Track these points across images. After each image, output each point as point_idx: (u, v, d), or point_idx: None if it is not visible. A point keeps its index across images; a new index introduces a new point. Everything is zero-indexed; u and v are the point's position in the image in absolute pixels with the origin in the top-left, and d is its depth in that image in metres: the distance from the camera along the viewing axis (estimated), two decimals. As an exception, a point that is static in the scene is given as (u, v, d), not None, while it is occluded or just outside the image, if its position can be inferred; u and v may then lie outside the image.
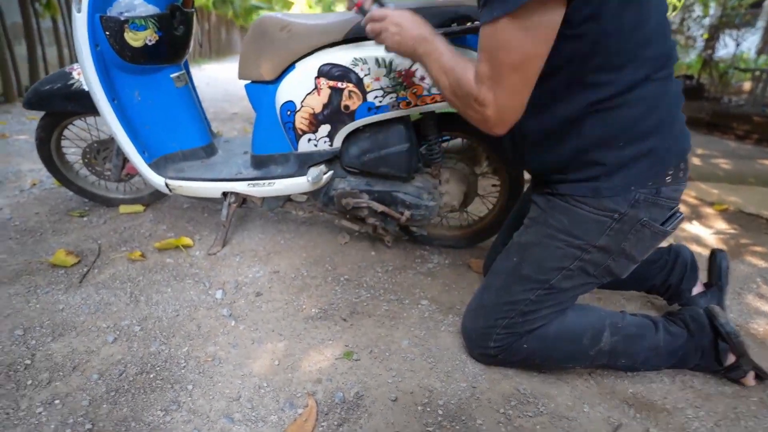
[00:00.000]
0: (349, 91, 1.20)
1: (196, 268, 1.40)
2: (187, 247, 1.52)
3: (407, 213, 1.32)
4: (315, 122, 1.26)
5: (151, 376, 0.96)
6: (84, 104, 1.44)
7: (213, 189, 1.42)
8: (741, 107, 4.37)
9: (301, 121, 1.27)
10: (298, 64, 1.25)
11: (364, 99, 1.20)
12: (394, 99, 1.19)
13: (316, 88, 1.21)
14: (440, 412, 0.91)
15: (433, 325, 1.17)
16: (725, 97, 4.85)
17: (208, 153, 1.56)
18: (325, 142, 1.29)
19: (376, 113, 1.22)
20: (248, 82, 1.34)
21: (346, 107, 1.22)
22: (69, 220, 1.68)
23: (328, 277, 1.38)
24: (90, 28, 1.23)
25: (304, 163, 1.33)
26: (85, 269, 1.37)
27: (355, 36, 1.17)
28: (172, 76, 1.45)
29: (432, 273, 1.43)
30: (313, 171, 1.32)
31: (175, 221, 1.72)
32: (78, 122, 1.65)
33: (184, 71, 1.49)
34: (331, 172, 1.35)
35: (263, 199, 1.46)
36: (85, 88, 1.40)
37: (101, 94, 1.30)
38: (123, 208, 1.75)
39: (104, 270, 1.37)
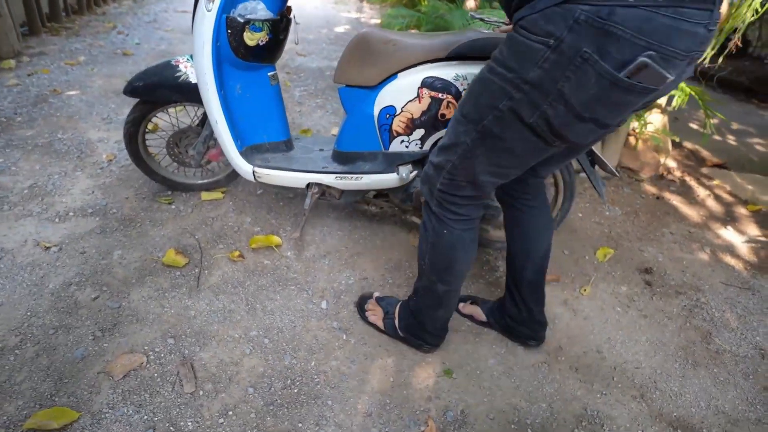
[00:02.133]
0: (448, 102, 1.38)
1: (293, 271, 1.59)
2: (278, 246, 1.69)
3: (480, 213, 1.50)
4: (411, 126, 1.44)
5: (295, 391, 1.19)
6: (187, 95, 1.60)
7: (299, 179, 1.58)
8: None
9: (398, 124, 1.44)
10: (401, 75, 1.40)
11: None
12: None
13: (418, 96, 1.38)
14: (529, 430, 1.15)
15: (510, 343, 1.38)
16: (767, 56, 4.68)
17: (288, 147, 1.70)
18: (416, 144, 1.49)
19: None
20: (343, 86, 1.48)
21: (443, 115, 1.41)
22: (159, 207, 1.83)
23: (411, 286, 1.57)
24: (216, 26, 1.35)
25: (392, 162, 1.52)
26: (197, 270, 1.55)
27: (457, 55, 1.34)
28: (269, 74, 1.57)
29: (499, 282, 1.62)
30: (404, 169, 1.51)
31: (256, 211, 1.87)
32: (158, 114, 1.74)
33: (276, 71, 1.57)
34: (415, 172, 1.52)
35: (342, 192, 1.63)
36: (192, 80, 1.58)
37: (213, 85, 1.43)
38: (205, 195, 1.89)
39: (213, 272, 1.56)
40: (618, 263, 1.77)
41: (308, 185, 1.60)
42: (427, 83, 1.36)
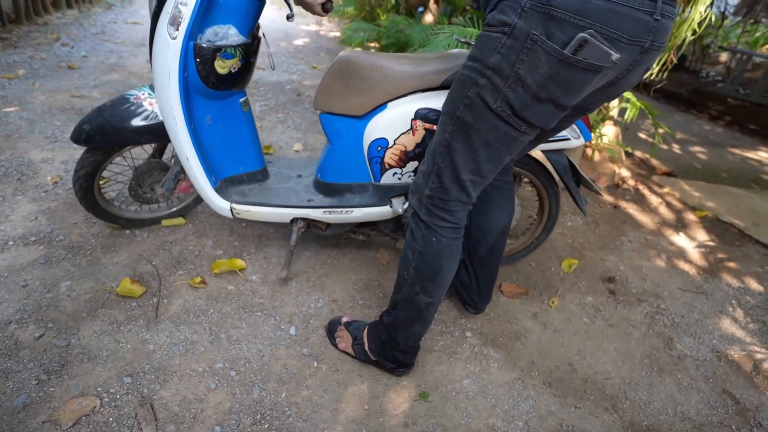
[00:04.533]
0: None
1: (259, 296, 1.52)
2: (242, 269, 1.62)
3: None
4: (405, 159, 1.40)
5: (266, 426, 1.13)
6: (157, 135, 1.43)
7: (284, 215, 1.49)
8: (717, 84, 4.60)
9: (391, 157, 1.40)
10: (390, 104, 1.35)
11: None
12: None
13: (412, 128, 1.34)
14: (507, 451, 1.14)
15: (484, 361, 1.38)
16: (704, 70, 5.05)
17: (264, 176, 1.61)
18: (409, 176, 1.45)
19: None
20: (324, 113, 1.41)
21: None
22: (111, 233, 1.71)
23: (382, 305, 1.54)
24: (182, 54, 1.23)
25: (384, 194, 1.47)
26: (155, 300, 1.45)
27: (450, 84, 1.27)
28: (240, 101, 1.47)
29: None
30: (397, 202, 1.46)
31: (217, 233, 1.79)
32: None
33: (247, 96, 1.49)
34: (407, 203, 1.47)
35: (328, 224, 1.55)
36: (161, 118, 1.39)
37: (182, 120, 1.31)
38: (165, 222, 1.78)
39: (172, 300, 1.47)
40: (583, 273, 1.82)
41: (293, 220, 1.52)
42: (421, 115, 1.31)
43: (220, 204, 1.46)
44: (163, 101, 1.30)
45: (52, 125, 2.43)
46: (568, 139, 1.41)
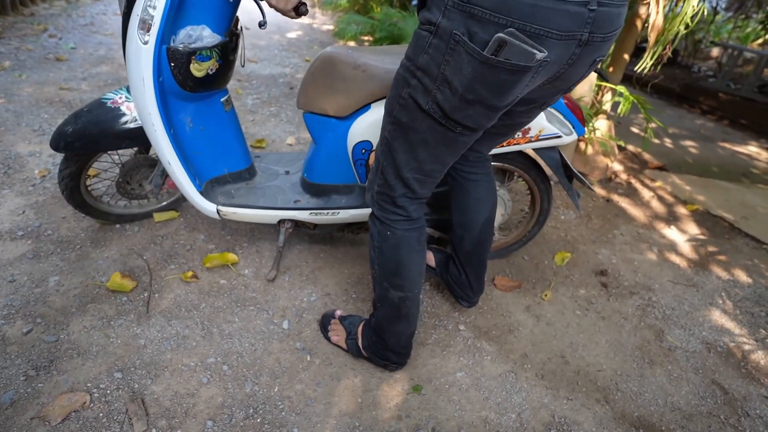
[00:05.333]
0: None
1: (252, 290, 1.51)
2: (234, 264, 1.60)
3: None
4: None
5: (258, 420, 1.12)
6: (139, 139, 1.40)
7: (270, 216, 1.47)
8: (709, 79, 4.63)
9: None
10: (374, 105, 1.31)
11: None
12: None
13: None
14: (500, 443, 1.15)
15: (477, 354, 1.38)
16: (695, 66, 5.08)
17: (251, 174, 1.58)
18: None
19: None
20: (307, 112, 1.38)
21: None
22: (101, 227, 1.69)
23: (376, 300, 1.53)
24: (156, 60, 1.18)
25: None
26: (146, 294, 1.44)
27: None
28: (221, 100, 1.43)
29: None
30: None
31: (209, 227, 1.77)
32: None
33: (229, 94, 1.46)
34: None
35: (316, 224, 1.53)
36: (140, 122, 1.37)
37: (160, 126, 1.27)
38: (157, 216, 1.76)
39: (164, 295, 1.45)
40: (575, 266, 1.83)
41: (280, 221, 1.50)
42: None
43: (206, 207, 1.44)
44: (140, 107, 1.25)
45: (40, 118, 2.39)
46: (560, 136, 1.40)
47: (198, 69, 1.25)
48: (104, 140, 1.38)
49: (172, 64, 1.21)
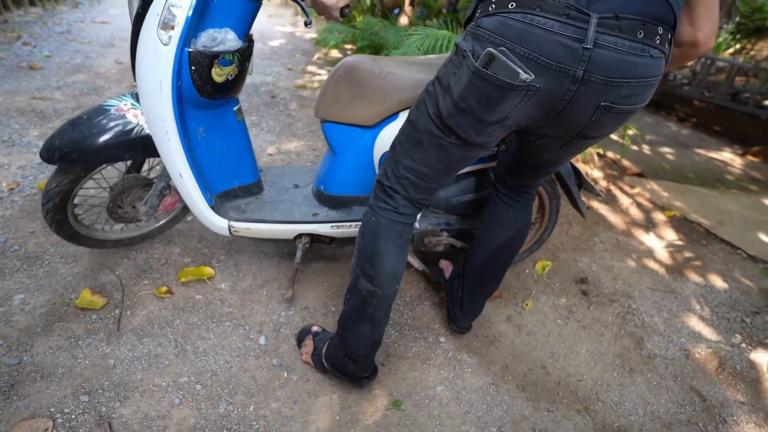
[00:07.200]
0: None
1: (228, 305, 1.48)
2: (210, 278, 1.57)
3: None
4: None
5: (232, 441, 1.09)
6: (146, 150, 1.29)
7: (288, 231, 1.41)
8: (684, 87, 4.73)
9: None
10: (402, 114, 1.29)
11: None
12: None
13: None
14: (480, 458, 1.13)
15: (458, 366, 1.37)
16: (671, 74, 5.19)
17: (259, 188, 1.52)
18: None
19: (474, 164, 1.36)
20: (326, 121, 1.35)
21: None
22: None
23: (355, 312, 1.51)
24: (176, 62, 1.12)
25: None
26: (117, 311, 1.39)
27: None
28: (234, 109, 1.37)
29: (444, 304, 1.61)
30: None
31: (185, 240, 1.73)
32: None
33: (240, 104, 1.41)
34: (420, 215, 1.42)
35: (333, 239, 1.48)
36: (147, 131, 1.27)
37: (175, 134, 1.19)
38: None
39: (136, 311, 1.41)
40: (556, 275, 1.83)
41: (297, 237, 1.44)
42: None
43: (217, 223, 1.37)
44: (152, 114, 1.17)
45: (10, 128, 2.32)
46: None
47: (219, 74, 1.19)
48: (106, 151, 1.24)
49: (193, 68, 1.14)
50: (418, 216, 1.32)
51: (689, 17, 0.86)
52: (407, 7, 4.17)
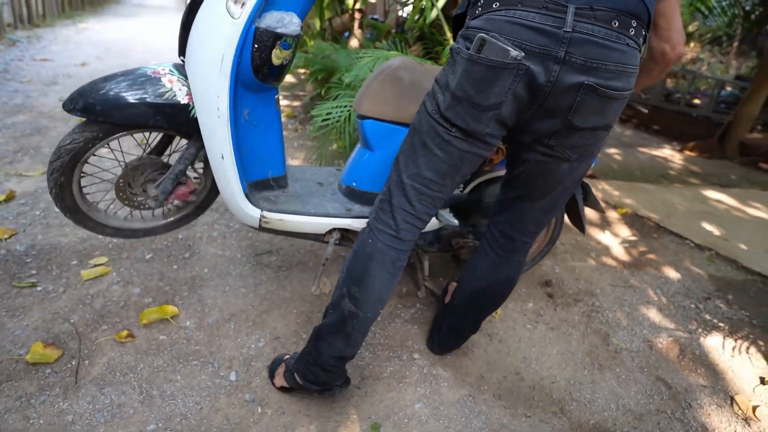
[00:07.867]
0: (498, 148, 1.35)
1: (194, 343, 1.42)
2: (174, 316, 1.51)
3: None
4: None
5: (207, 488, 1.04)
6: (171, 120, 1.24)
7: (321, 225, 1.38)
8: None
9: None
10: None
11: (505, 155, 1.34)
12: None
13: None
14: (463, 472, 1.13)
15: (434, 381, 1.37)
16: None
17: (286, 183, 1.50)
18: (460, 188, 1.46)
19: (499, 167, 1.44)
20: (367, 118, 1.36)
21: (491, 161, 1.40)
22: (18, 293, 1.54)
23: (328, 337, 1.49)
24: (242, 38, 1.10)
25: None
26: (74, 362, 1.31)
27: None
28: (276, 97, 1.35)
29: (416, 320, 1.61)
30: (444, 213, 1.42)
31: (145, 279, 1.66)
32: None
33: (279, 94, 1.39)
34: (451, 215, 1.44)
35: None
36: (181, 100, 1.23)
37: (226, 112, 1.16)
38: (86, 274, 1.62)
39: (95, 360, 1.33)
40: (522, 280, 1.88)
41: (327, 232, 1.42)
42: None
43: (249, 212, 1.33)
44: (203, 87, 1.14)
45: (-56, 177, 2.17)
46: None
47: (278, 56, 1.18)
48: (131, 110, 1.19)
49: (256, 45, 1.13)
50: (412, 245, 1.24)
51: (656, 33, 0.96)
52: (356, 30, 4.26)
